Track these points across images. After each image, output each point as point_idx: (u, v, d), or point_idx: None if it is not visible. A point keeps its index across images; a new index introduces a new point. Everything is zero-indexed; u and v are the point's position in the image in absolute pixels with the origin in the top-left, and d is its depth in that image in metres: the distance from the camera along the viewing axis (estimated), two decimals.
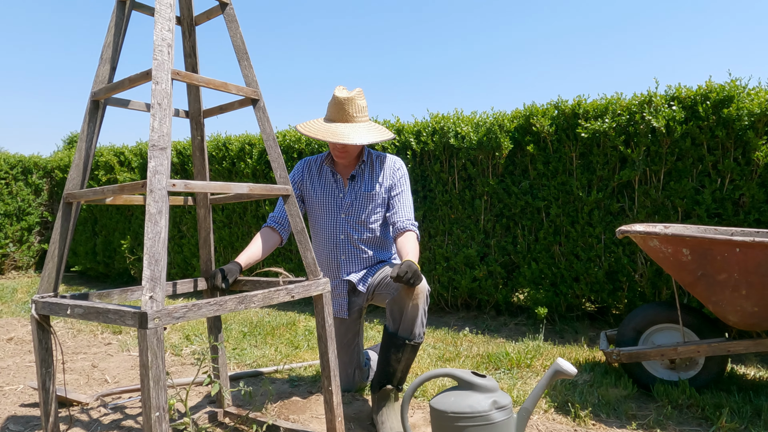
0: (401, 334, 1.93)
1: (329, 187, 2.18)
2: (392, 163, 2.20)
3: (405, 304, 1.89)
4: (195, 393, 2.23)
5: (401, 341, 1.91)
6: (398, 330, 1.93)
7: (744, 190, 2.64)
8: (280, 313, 3.81)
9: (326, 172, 2.19)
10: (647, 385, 2.10)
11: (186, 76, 1.36)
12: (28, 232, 6.09)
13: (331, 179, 2.18)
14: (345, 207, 2.15)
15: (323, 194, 2.17)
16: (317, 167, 2.22)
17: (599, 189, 3.03)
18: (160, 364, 1.13)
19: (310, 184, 2.20)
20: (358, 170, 2.15)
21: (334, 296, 2.17)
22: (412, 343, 1.92)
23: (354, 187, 2.15)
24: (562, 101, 3.13)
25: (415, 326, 1.91)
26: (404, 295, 1.88)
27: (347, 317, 2.16)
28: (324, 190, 2.18)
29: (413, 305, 1.88)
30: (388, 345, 1.95)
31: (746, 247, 1.73)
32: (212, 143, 4.55)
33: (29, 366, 2.70)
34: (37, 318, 1.41)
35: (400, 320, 1.92)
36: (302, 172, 2.23)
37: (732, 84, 2.67)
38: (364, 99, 2.07)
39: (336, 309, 2.17)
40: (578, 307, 3.28)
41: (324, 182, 2.19)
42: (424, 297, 1.89)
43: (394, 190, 2.15)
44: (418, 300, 1.88)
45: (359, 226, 2.14)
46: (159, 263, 1.15)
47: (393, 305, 1.93)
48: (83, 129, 1.47)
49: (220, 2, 1.56)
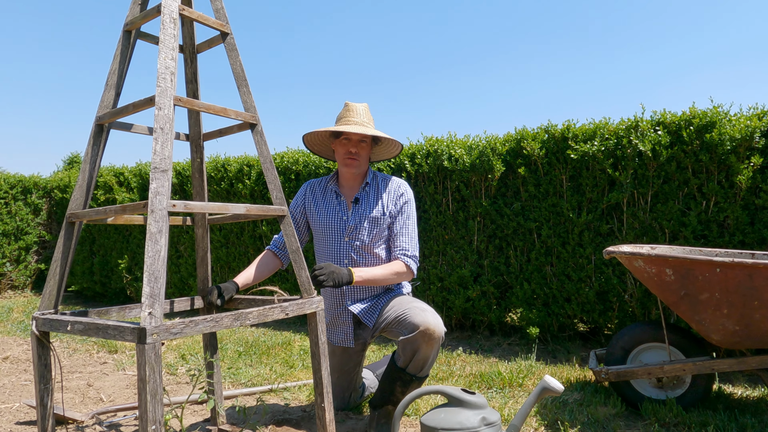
0: (410, 371, 1.92)
1: (333, 209, 2.13)
2: (397, 186, 2.15)
3: (419, 347, 1.87)
4: (190, 411, 2.25)
5: (409, 377, 1.92)
6: (407, 366, 1.92)
7: (728, 212, 2.72)
8: (275, 333, 3.83)
9: (330, 193, 2.16)
10: (636, 403, 2.13)
11: (188, 102, 1.43)
12: (25, 251, 6.12)
13: (335, 201, 2.14)
14: (349, 230, 2.09)
15: (326, 216, 2.12)
16: (321, 189, 2.18)
17: (589, 211, 3.10)
18: (157, 379, 1.17)
19: (314, 206, 2.16)
20: (363, 192, 2.12)
21: (338, 324, 2.12)
22: (420, 378, 1.93)
23: (358, 210, 2.10)
24: (552, 125, 3.22)
25: (426, 365, 1.91)
26: (420, 339, 1.86)
27: (352, 346, 2.12)
28: (327, 212, 2.13)
29: (427, 348, 1.87)
30: (394, 377, 1.94)
31: (726, 267, 1.79)
32: (211, 164, 4.63)
33: (25, 385, 2.71)
34: (38, 334, 1.45)
35: (412, 359, 1.90)
36: (305, 195, 2.20)
37: (714, 110, 2.76)
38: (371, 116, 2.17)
39: (341, 338, 2.12)
40: (570, 327, 3.32)
41: (328, 204, 2.15)
42: (439, 343, 1.88)
43: (397, 216, 2.11)
44: (434, 345, 1.87)
45: (364, 252, 2.09)
46: (158, 280, 1.20)
47: (407, 344, 1.90)
48: (87, 151, 1.53)
49: (221, 32, 1.64)
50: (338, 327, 2.13)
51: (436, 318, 1.89)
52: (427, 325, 1.84)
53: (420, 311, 1.90)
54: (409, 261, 2.06)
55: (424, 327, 1.84)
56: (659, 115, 2.93)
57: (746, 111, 2.77)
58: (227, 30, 1.63)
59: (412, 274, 2.07)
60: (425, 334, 1.84)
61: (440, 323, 1.88)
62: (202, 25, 1.59)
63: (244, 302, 1.81)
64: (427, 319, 1.86)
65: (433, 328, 1.84)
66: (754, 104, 2.75)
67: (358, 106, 2.10)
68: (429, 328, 1.84)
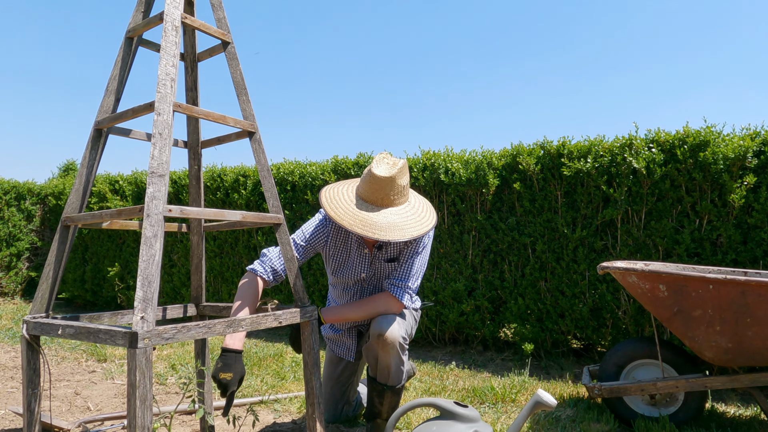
0: (379, 381, 1.94)
1: (352, 261, 2.03)
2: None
3: (377, 353, 1.88)
4: (179, 422, 2.22)
5: (380, 386, 1.93)
6: (376, 375, 1.94)
7: (721, 230, 2.74)
8: (267, 345, 3.80)
9: (351, 241, 2.03)
10: (629, 420, 2.12)
11: (187, 108, 1.43)
12: (17, 258, 6.06)
13: (355, 253, 2.03)
14: (367, 278, 2.06)
15: (344, 269, 2.03)
16: (344, 232, 2.03)
17: (583, 227, 3.12)
18: (147, 384, 1.16)
19: (333, 250, 2.05)
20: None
21: (342, 341, 2.15)
22: (390, 388, 1.92)
23: (379, 257, 2.02)
24: (548, 142, 3.25)
25: (390, 374, 1.90)
26: (376, 345, 1.87)
27: (353, 360, 2.16)
28: (346, 265, 2.04)
29: (384, 354, 1.87)
30: (370, 387, 1.97)
31: (719, 284, 1.80)
32: (207, 174, 4.63)
33: (11, 392, 2.67)
34: (28, 338, 1.43)
35: (377, 367, 1.93)
36: (329, 235, 2.03)
37: (707, 129, 2.80)
38: (406, 175, 1.85)
39: (343, 351, 2.15)
40: (564, 343, 3.32)
41: (347, 255, 2.03)
42: (395, 347, 1.84)
43: (408, 247, 2.00)
44: (388, 349, 1.85)
45: (379, 288, 2.08)
46: (152, 285, 1.19)
47: (368, 352, 1.93)
48: (85, 156, 1.54)
49: (222, 41, 1.65)
50: (343, 343, 2.16)
51: (391, 324, 1.85)
52: (379, 331, 1.84)
53: (381, 318, 1.88)
54: (397, 291, 1.93)
55: (378, 333, 1.85)
56: (653, 134, 2.96)
57: (739, 131, 2.81)
58: (228, 39, 1.65)
59: (399, 305, 1.93)
60: (378, 340, 1.85)
61: (395, 329, 1.84)
62: (204, 33, 1.60)
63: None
64: (381, 325, 1.85)
65: (385, 334, 1.83)
66: (747, 125, 2.79)
67: (385, 181, 1.78)
68: (381, 333, 1.84)
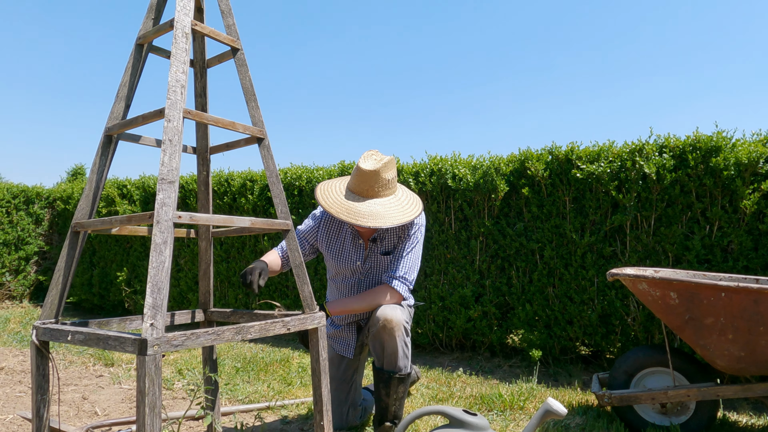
0: (386, 369, 1.97)
1: (347, 251, 2.11)
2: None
3: (383, 339, 1.93)
4: (186, 428, 2.22)
5: (387, 375, 1.96)
6: (383, 365, 1.98)
7: (732, 237, 2.71)
8: (274, 350, 3.80)
9: (346, 232, 2.13)
10: (639, 429, 2.10)
11: (197, 114, 1.44)
12: (25, 261, 6.10)
13: (349, 243, 2.12)
14: (364, 271, 2.13)
15: (340, 259, 2.12)
16: (337, 225, 2.15)
17: (592, 232, 3.10)
18: (156, 391, 1.15)
19: (326, 240, 2.16)
20: (380, 231, 2.09)
21: (342, 336, 2.18)
22: (398, 375, 1.95)
23: (374, 250, 2.10)
24: (556, 147, 3.23)
25: (397, 359, 1.95)
26: (382, 332, 1.92)
27: (351, 357, 2.17)
28: (341, 255, 2.12)
29: (390, 339, 1.92)
30: (377, 380, 1.99)
31: (731, 291, 1.78)
32: (215, 178, 4.64)
33: (19, 396, 2.68)
34: (37, 344, 1.44)
35: (383, 355, 1.96)
36: (318, 227, 2.17)
37: (719, 135, 2.78)
38: (392, 170, 1.97)
39: (343, 347, 2.18)
40: (572, 350, 3.29)
41: (342, 245, 2.12)
42: (400, 330, 1.92)
43: (402, 242, 2.11)
44: (394, 333, 1.91)
45: (377, 282, 2.14)
46: (162, 291, 1.19)
47: (374, 341, 1.98)
48: (95, 162, 1.54)
49: (231, 47, 1.66)
50: (342, 339, 2.18)
51: (395, 310, 1.94)
52: (384, 317, 1.91)
53: (384, 307, 1.96)
54: (396, 282, 2.04)
55: (383, 318, 1.91)
56: (663, 139, 2.94)
57: (750, 137, 2.79)
58: (238, 46, 1.65)
59: (399, 296, 2.05)
60: (384, 326, 1.91)
61: (399, 314, 1.93)
62: (214, 40, 1.61)
63: (246, 316, 1.80)
64: (385, 311, 1.92)
65: (390, 318, 1.90)
66: (758, 130, 2.76)
67: (370, 174, 1.93)
68: (386, 318, 1.90)
